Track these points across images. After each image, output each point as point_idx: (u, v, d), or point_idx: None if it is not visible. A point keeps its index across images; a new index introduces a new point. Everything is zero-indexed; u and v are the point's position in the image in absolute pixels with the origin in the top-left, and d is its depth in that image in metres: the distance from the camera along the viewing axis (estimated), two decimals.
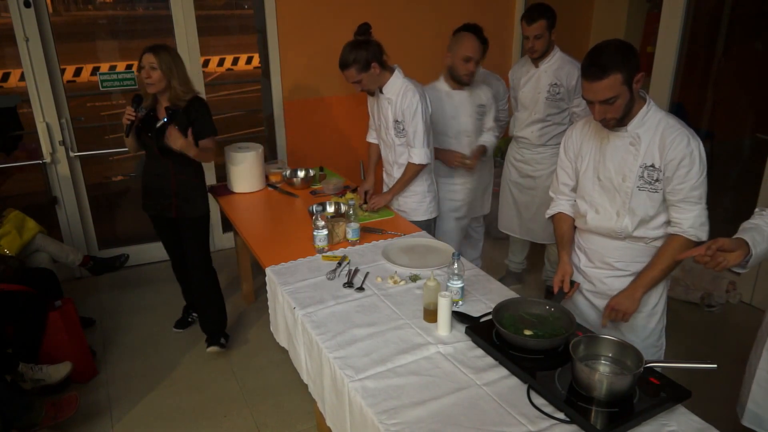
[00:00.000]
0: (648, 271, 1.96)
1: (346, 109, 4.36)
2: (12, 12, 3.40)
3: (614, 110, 1.80)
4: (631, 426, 1.45)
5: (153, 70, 2.68)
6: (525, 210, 3.50)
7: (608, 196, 1.97)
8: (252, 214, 3.09)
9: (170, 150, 2.77)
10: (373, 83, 2.78)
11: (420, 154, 2.82)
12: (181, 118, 2.78)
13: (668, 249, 1.93)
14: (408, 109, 2.75)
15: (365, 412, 1.58)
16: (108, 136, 5.81)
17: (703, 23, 4.63)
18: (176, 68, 2.73)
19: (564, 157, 2.13)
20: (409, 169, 2.87)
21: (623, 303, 1.98)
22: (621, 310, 1.98)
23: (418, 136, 2.78)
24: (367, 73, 2.70)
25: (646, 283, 1.96)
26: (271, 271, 2.35)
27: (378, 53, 2.71)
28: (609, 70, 1.73)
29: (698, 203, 1.87)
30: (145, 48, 2.71)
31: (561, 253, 2.14)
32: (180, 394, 2.88)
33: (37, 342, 2.75)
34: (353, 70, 2.68)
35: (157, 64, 2.68)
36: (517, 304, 1.90)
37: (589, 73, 1.77)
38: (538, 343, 1.72)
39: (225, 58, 8.69)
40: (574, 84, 3.09)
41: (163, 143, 2.76)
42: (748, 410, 1.88)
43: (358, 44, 2.67)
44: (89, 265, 3.51)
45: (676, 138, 1.82)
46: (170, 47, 2.77)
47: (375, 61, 2.69)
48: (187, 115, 2.78)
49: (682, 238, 1.89)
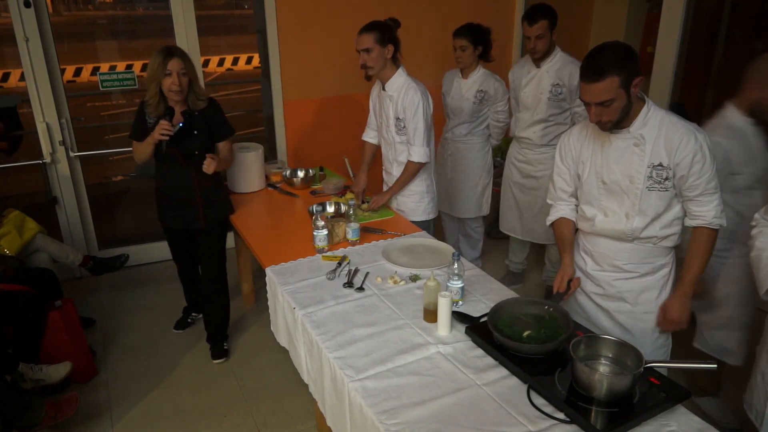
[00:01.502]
0: (687, 275, 1.96)
1: (346, 109, 4.36)
2: (12, 12, 3.40)
3: (610, 113, 1.80)
4: (631, 426, 1.45)
5: (183, 77, 2.55)
6: (527, 210, 3.50)
7: (616, 199, 1.96)
8: (252, 214, 3.09)
9: (194, 156, 2.67)
10: (379, 65, 2.74)
11: (419, 153, 2.82)
12: (198, 121, 2.68)
13: (699, 246, 1.93)
14: (410, 107, 2.75)
15: (365, 412, 1.58)
16: (108, 136, 5.81)
17: (703, 23, 4.63)
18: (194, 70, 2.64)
19: (561, 164, 2.12)
20: (408, 168, 2.87)
21: (681, 313, 1.97)
22: (681, 320, 1.98)
23: (419, 134, 2.78)
24: (380, 48, 2.69)
25: (692, 286, 1.97)
26: (271, 271, 2.35)
27: (398, 44, 2.75)
28: (606, 72, 1.73)
29: (715, 192, 1.88)
30: (164, 52, 2.54)
31: (563, 255, 2.14)
32: (180, 394, 2.88)
33: (37, 342, 2.75)
34: (373, 36, 2.67)
35: (186, 69, 2.56)
36: (515, 305, 1.89)
37: (587, 75, 1.77)
38: (532, 348, 1.71)
39: (225, 58, 8.69)
40: (575, 84, 3.09)
41: (187, 149, 2.66)
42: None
43: (389, 24, 2.72)
44: (89, 265, 3.51)
45: (684, 137, 1.81)
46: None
47: (393, 45, 2.71)
48: (204, 117, 2.70)
49: (707, 229, 1.91)
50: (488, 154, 3.67)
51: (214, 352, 3.12)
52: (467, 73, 3.45)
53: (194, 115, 2.68)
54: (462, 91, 3.47)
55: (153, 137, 2.58)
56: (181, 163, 2.73)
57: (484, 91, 3.43)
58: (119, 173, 5.52)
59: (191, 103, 2.68)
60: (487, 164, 3.67)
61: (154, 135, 2.57)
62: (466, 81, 3.46)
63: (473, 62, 3.39)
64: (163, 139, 2.57)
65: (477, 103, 3.45)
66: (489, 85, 3.41)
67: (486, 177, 3.69)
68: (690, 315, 2.00)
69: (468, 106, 3.46)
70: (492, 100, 3.46)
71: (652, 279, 2.03)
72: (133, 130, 2.76)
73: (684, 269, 1.98)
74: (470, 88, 3.44)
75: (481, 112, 3.51)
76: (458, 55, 3.37)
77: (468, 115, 3.50)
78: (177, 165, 2.74)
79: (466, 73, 3.45)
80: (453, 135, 3.60)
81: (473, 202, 3.72)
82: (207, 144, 2.76)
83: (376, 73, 2.78)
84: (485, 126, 3.58)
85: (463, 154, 3.61)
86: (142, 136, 2.67)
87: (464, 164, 3.63)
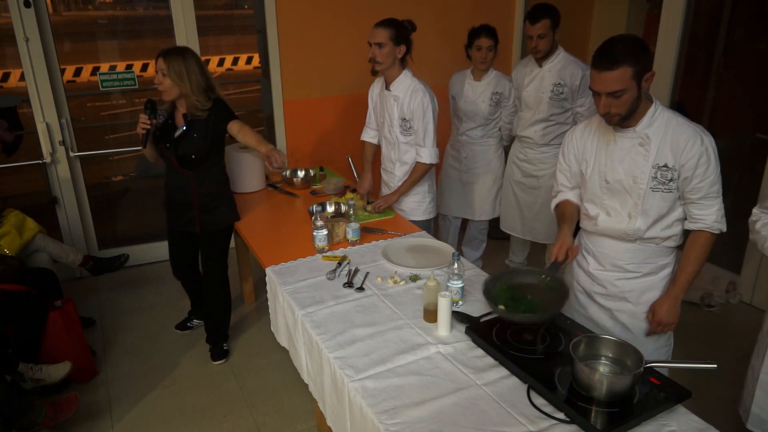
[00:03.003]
0: (681, 276, 1.96)
1: (346, 109, 4.36)
2: (12, 12, 3.40)
3: (619, 105, 1.78)
4: (631, 426, 1.45)
5: (164, 77, 2.53)
6: (527, 210, 3.50)
7: (619, 199, 1.96)
8: (252, 214, 3.09)
9: (190, 160, 2.64)
10: (388, 62, 2.73)
11: (430, 154, 2.82)
12: (200, 127, 2.63)
13: (696, 247, 1.93)
14: (418, 108, 2.75)
15: (365, 412, 1.58)
16: (108, 136, 5.82)
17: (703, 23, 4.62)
18: (189, 75, 2.53)
19: (563, 161, 2.12)
20: (417, 169, 2.87)
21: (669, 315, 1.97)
22: (669, 322, 1.98)
23: (429, 136, 2.79)
24: (392, 46, 2.69)
25: (684, 289, 1.96)
26: (271, 271, 2.35)
27: (410, 46, 2.75)
28: (620, 61, 1.71)
29: (718, 197, 1.88)
30: (160, 50, 2.56)
31: (561, 225, 2.11)
32: (180, 394, 2.88)
33: (37, 342, 2.75)
34: (388, 32, 2.66)
35: (166, 70, 2.51)
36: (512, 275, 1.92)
37: (599, 63, 1.75)
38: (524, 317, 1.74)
39: (225, 58, 8.68)
40: (578, 84, 3.09)
41: (182, 153, 2.62)
42: (753, 414, 1.89)
43: (406, 26, 2.72)
44: (89, 265, 3.51)
45: (690, 138, 1.81)
46: (188, 51, 2.59)
47: (405, 47, 2.71)
48: (207, 124, 2.63)
49: (706, 233, 1.90)
50: (502, 156, 3.64)
51: (213, 353, 3.11)
52: (480, 75, 3.40)
53: (195, 120, 2.63)
54: (476, 94, 3.41)
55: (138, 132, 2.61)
56: (175, 166, 2.71)
57: (500, 93, 3.38)
58: (119, 173, 5.52)
59: (189, 109, 2.63)
60: (501, 166, 3.64)
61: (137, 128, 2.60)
62: (479, 83, 3.40)
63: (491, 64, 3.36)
64: (142, 132, 2.58)
65: (493, 105, 3.41)
66: (503, 86, 3.37)
67: (500, 179, 3.65)
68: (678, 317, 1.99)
69: (484, 109, 3.42)
70: (505, 101, 3.43)
71: (654, 279, 2.03)
72: None
73: (678, 271, 1.98)
74: (485, 90, 3.39)
75: (496, 113, 3.47)
76: (484, 55, 3.28)
77: (483, 118, 3.45)
78: (175, 169, 2.74)
79: (479, 74, 3.40)
80: (468, 138, 3.54)
81: (488, 204, 3.69)
82: (205, 149, 2.70)
83: (383, 69, 2.77)
84: (498, 128, 3.55)
85: (479, 156, 3.56)
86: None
87: (480, 167, 3.59)
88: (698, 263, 1.94)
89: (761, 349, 1.93)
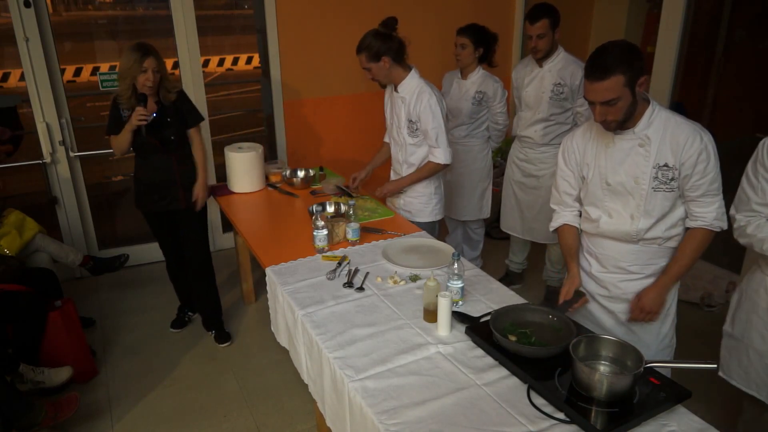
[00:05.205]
0: (673, 268, 1.97)
1: (346, 109, 4.36)
2: (12, 12, 3.40)
3: (615, 112, 1.79)
4: (631, 426, 1.45)
5: (156, 74, 2.71)
6: (528, 210, 3.50)
7: (621, 200, 1.96)
8: (252, 214, 3.09)
9: (170, 141, 2.84)
10: (383, 77, 2.77)
11: (444, 154, 2.82)
12: (170, 110, 2.84)
13: (693, 241, 1.93)
14: (425, 111, 2.74)
15: (365, 412, 1.58)
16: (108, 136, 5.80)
17: (703, 23, 4.63)
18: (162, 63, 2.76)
19: (564, 166, 2.10)
20: (428, 166, 2.87)
21: (654, 303, 1.98)
22: (652, 311, 1.98)
23: (441, 137, 2.79)
24: (376, 64, 2.71)
25: (674, 281, 1.98)
26: (271, 271, 2.35)
27: (394, 50, 2.71)
28: (611, 71, 1.72)
29: (717, 194, 1.88)
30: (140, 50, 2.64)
31: (570, 264, 2.12)
32: (180, 394, 2.88)
33: (37, 342, 2.75)
34: (364, 56, 2.70)
35: (158, 67, 2.71)
36: (517, 312, 1.87)
37: (591, 74, 1.76)
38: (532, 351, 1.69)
39: (225, 58, 8.67)
40: (577, 84, 3.09)
41: (164, 136, 2.82)
42: (722, 356, 2.04)
43: (378, 35, 2.69)
44: (89, 265, 3.51)
45: (689, 136, 1.81)
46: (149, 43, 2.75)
47: (387, 56, 2.70)
48: (175, 107, 2.86)
49: (705, 230, 1.91)
50: (488, 156, 3.66)
51: (218, 336, 3.20)
52: (466, 73, 3.45)
53: (166, 105, 2.83)
54: (461, 92, 3.47)
55: (131, 124, 2.73)
56: (160, 150, 2.88)
57: (483, 92, 3.42)
58: (119, 173, 5.52)
59: (162, 96, 2.83)
60: (486, 166, 3.66)
61: (132, 122, 2.72)
62: (465, 81, 3.46)
63: (472, 62, 3.39)
64: (141, 124, 2.71)
65: (476, 104, 3.45)
66: (488, 86, 3.41)
67: (486, 179, 3.68)
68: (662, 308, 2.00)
69: (467, 107, 3.46)
70: (490, 101, 3.46)
71: None
72: (109, 126, 2.88)
73: (671, 263, 1.98)
74: (469, 88, 3.44)
75: (480, 113, 3.50)
76: (457, 52, 3.38)
77: (466, 117, 3.49)
78: (157, 153, 2.89)
79: (466, 73, 3.45)
80: (452, 137, 3.57)
81: (473, 205, 3.71)
82: (181, 130, 2.93)
83: (387, 82, 2.83)
84: (484, 128, 3.57)
85: (462, 156, 3.59)
86: (119, 130, 2.81)
87: (463, 166, 3.61)
88: (692, 257, 1.94)
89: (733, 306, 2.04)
